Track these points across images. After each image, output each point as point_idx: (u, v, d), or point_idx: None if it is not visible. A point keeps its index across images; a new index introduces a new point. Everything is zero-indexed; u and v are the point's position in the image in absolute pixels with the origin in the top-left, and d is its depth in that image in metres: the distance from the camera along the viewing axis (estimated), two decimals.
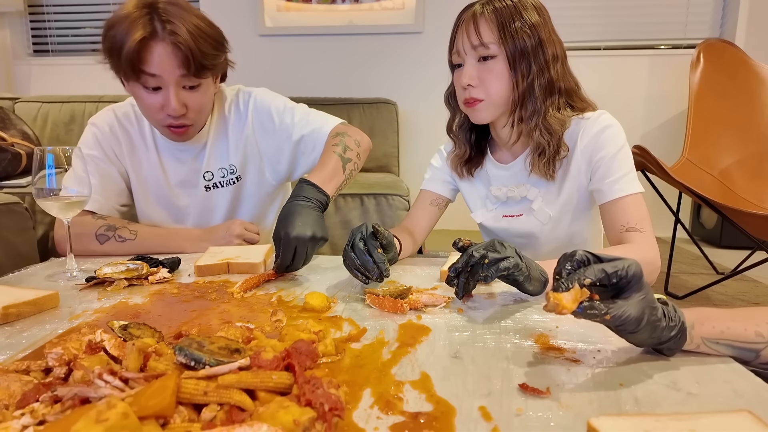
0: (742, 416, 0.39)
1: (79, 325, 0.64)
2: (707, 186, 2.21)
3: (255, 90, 1.16)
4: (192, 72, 0.94)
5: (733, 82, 2.41)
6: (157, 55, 0.91)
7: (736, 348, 0.52)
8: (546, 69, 0.91)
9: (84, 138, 1.11)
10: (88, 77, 3.14)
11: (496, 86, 0.91)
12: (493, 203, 1.06)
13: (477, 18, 0.90)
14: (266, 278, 0.83)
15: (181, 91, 0.96)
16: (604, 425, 0.38)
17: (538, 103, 0.91)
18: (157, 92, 0.96)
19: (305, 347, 0.50)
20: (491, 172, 1.05)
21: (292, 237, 0.80)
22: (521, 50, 0.89)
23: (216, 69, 0.99)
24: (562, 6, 2.97)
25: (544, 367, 0.52)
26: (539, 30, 0.90)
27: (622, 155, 0.91)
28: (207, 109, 1.05)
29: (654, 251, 0.84)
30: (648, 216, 0.88)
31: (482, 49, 0.90)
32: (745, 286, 2.21)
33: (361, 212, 1.94)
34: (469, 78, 0.91)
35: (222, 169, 1.15)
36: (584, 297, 0.48)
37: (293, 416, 0.37)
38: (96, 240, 1.01)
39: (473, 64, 0.92)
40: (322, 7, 3.03)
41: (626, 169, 0.90)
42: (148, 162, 1.12)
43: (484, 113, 0.95)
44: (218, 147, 1.14)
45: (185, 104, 0.97)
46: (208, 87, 1.01)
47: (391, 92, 2.77)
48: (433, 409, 0.44)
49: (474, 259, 0.66)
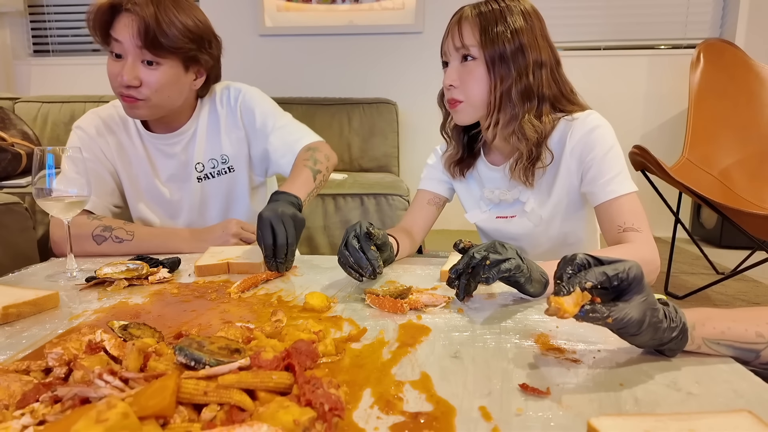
0: (742, 416, 0.39)
1: (79, 325, 0.64)
2: (707, 186, 2.21)
3: (244, 87, 1.19)
4: (147, 45, 0.97)
5: (733, 82, 2.41)
6: (122, 23, 0.98)
7: (736, 349, 0.52)
8: (525, 75, 0.90)
9: (71, 142, 1.12)
10: (89, 77, 3.14)
11: (474, 88, 0.92)
12: (487, 205, 1.06)
13: (462, 21, 0.92)
14: (264, 279, 0.83)
15: (139, 64, 1.00)
16: (604, 425, 0.38)
17: (516, 109, 0.92)
18: (119, 60, 1.00)
19: (305, 347, 0.50)
20: (484, 174, 1.06)
21: (265, 216, 0.86)
22: (500, 54, 0.90)
23: (179, 53, 1.01)
24: (563, 6, 2.97)
25: (544, 367, 0.52)
26: (522, 35, 0.90)
27: (612, 155, 0.91)
28: (166, 93, 1.04)
29: (653, 250, 0.83)
30: (644, 215, 0.88)
31: (463, 51, 0.92)
32: (745, 286, 2.21)
33: (361, 212, 1.95)
34: (451, 79, 0.94)
35: (213, 160, 1.17)
36: (585, 300, 0.48)
37: (293, 416, 0.37)
38: (93, 241, 1.01)
39: (456, 66, 0.94)
40: (322, 7, 3.03)
41: (618, 168, 0.90)
42: (136, 159, 1.14)
43: (462, 115, 0.97)
44: (209, 138, 1.16)
45: (139, 78, 1.00)
46: (171, 71, 1.02)
47: (391, 92, 2.77)
48: (433, 409, 0.44)
49: (475, 261, 0.67)
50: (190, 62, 1.05)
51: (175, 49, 1.00)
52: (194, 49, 1.03)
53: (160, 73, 1.01)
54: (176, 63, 1.03)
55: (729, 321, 0.53)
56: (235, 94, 1.18)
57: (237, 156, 1.18)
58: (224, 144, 1.17)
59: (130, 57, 0.99)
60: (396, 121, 2.65)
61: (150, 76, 1.01)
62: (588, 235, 1.04)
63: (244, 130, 1.18)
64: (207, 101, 1.17)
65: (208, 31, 1.06)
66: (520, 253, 0.68)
